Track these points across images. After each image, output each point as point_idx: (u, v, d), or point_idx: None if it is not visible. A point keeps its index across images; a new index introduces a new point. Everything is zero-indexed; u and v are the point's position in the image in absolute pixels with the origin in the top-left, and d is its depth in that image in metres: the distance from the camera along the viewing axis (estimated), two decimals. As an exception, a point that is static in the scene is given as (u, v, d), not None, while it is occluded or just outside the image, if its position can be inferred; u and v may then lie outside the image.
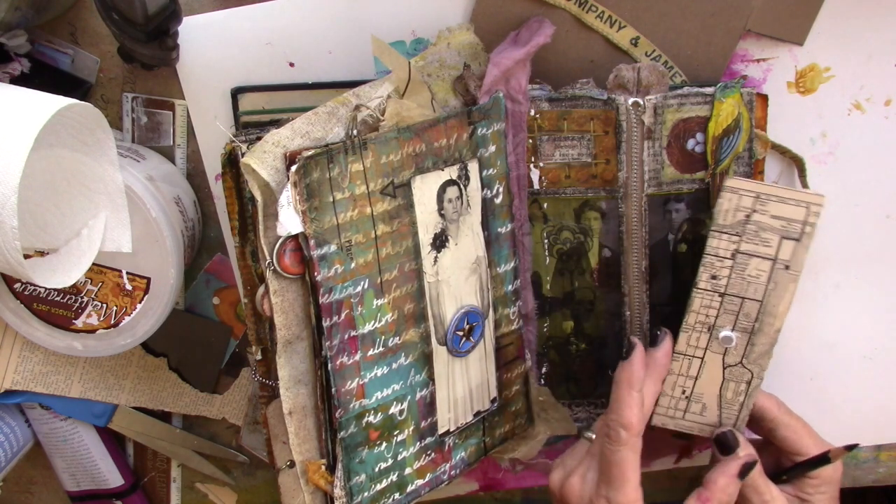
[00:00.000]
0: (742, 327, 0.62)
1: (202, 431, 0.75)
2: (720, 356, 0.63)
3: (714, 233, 0.61)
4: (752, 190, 0.60)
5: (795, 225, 0.60)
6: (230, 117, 0.65)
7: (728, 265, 0.61)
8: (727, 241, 0.61)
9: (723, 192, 0.60)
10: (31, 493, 0.78)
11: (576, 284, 0.67)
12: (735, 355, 0.63)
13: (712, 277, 0.61)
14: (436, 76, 0.62)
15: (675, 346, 0.63)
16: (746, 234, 0.60)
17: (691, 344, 0.63)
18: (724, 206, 0.60)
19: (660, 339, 0.63)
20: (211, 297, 0.71)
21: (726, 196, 0.60)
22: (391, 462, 0.60)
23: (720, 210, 0.60)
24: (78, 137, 0.57)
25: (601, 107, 0.63)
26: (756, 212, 0.60)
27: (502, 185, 0.62)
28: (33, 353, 0.69)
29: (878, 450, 0.75)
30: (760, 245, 0.60)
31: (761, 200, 0.60)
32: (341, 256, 0.55)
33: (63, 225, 0.59)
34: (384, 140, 0.55)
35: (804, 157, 0.67)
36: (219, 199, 0.68)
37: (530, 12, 0.63)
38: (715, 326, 0.62)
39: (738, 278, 0.61)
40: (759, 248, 0.60)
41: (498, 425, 0.66)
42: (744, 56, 0.66)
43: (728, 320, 0.63)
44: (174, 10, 0.58)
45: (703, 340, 0.63)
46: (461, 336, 0.62)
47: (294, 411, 0.57)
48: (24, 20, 0.59)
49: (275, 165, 0.53)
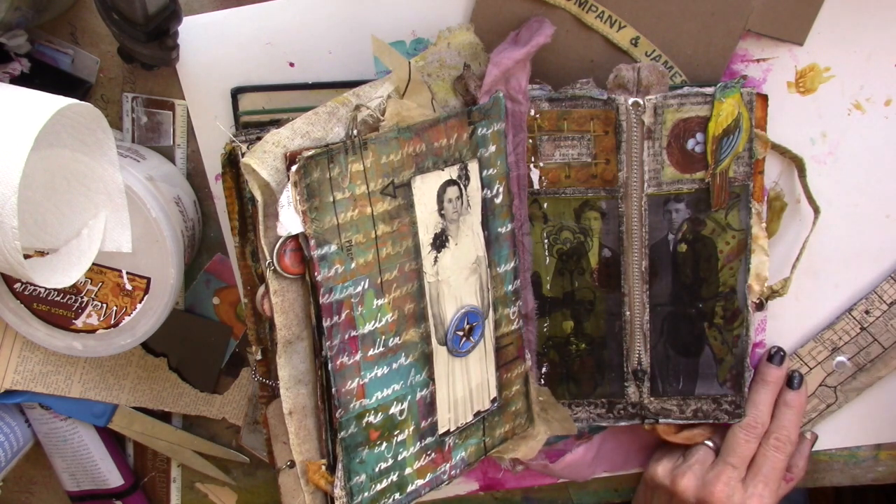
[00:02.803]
0: (857, 361, 0.70)
1: (202, 431, 0.75)
2: (825, 374, 0.71)
3: (892, 279, 0.69)
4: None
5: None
6: (230, 117, 0.65)
7: (883, 308, 0.69)
8: (895, 291, 0.68)
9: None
10: (31, 493, 0.78)
11: (576, 284, 0.67)
12: (836, 379, 0.71)
13: (866, 312, 0.69)
14: (436, 76, 0.62)
15: (802, 348, 0.71)
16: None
17: (811, 353, 0.71)
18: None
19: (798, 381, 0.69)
20: (211, 297, 0.71)
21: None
22: (391, 462, 0.60)
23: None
24: (78, 137, 0.57)
25: (601, 107, 0.63)
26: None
27: (502, 185, 0.62)
28: (33, 353, 0.69)
29: (878, 449, 0.75)
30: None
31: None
32: (341, 256, 0.55)
33: (63, 225, 0.59)
34: (384, 140, 0.55)
35: (804, 157, 0.67)
36: (219, 199, 0.68)
37: (530, 12, 0.63)
38: (840, 350, 0.69)
39: (883, 323, 0.69)
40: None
41: (498, 425, 0.66)
42: (744, 56, 0.66)
43: (852, 350, 0.70)
44: (174, 10, 0.58)
45: (822, 355, 0.70)
46: (461, 336, 0.62)
47: (294, 411, 0.57)
48: (24, 20, 0.59)
49: (275, 165, 0.53)
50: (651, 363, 0.67)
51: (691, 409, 0.68)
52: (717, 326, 0.67)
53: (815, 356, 0.71)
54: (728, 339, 0.67)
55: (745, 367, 0.67)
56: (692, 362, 0.67)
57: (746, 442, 0.67)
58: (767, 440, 0.67)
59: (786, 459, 0.68)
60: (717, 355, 0.67)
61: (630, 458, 0.75)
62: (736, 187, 0.64)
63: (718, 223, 0.65)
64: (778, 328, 0.71)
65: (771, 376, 0.68)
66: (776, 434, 0.67)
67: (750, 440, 0.67)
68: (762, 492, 0.66)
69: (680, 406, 0.68)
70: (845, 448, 0.75)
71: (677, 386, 0.68)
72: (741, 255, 0.65)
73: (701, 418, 0.68)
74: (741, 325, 0.66)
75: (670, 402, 0.68)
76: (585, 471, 0.74)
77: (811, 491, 1.01)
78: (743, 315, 0.66)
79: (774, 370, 0.69)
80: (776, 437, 0.67)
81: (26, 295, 0.63)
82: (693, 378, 0.68)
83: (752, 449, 0.68)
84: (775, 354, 0.69)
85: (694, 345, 0.67)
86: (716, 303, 0.66)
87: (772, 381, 0.68)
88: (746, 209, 0.65)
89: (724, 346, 0.67)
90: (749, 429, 0.67)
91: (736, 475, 0.67)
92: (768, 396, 0.68)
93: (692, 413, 0.68)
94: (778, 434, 0.67)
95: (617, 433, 0.73)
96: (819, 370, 0.71)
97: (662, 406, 0.68)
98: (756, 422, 0.67)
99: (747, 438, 0.67)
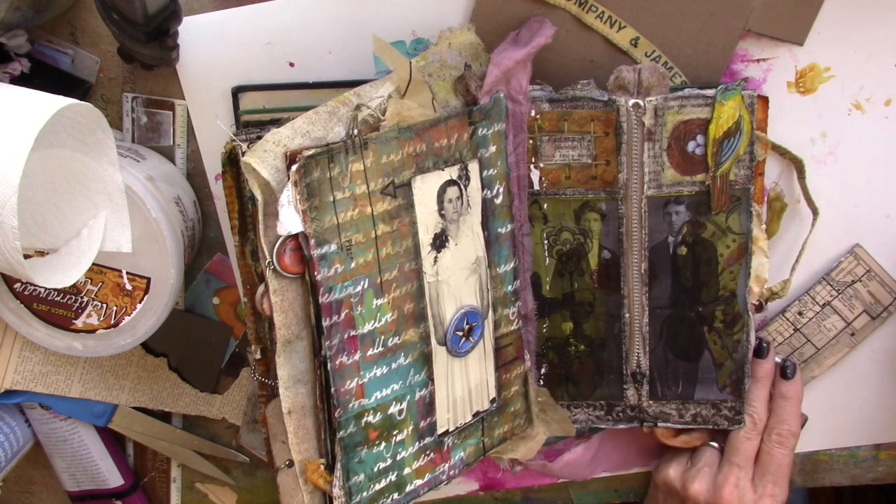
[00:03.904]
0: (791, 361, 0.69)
1: (202, 431, 0.75)
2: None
3: (824, 281, 0.69)
4: (869, 266, 0.69)
5: (879, 307, 0.70)
6: (230, 117, 0.65)
7: (816, 310, 0.70)
8: (827, 293, 0.69)
9: (847, 255, 0.69)
10: (31, 493, 0.78)
11: (575, 286, 0.67)
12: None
13: (799, 313, 0.70)
14: (437, 76, 0.62)
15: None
16: (843, 295, 0.69)
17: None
18: (843, 265, 0.69)
19: (791, 371, 0.68)
20: (211, 297, 0.71)
21: (848, 258, 0.69)
22: (390, 462, 0.60)
23: (840, 267, 0.69)
24: (78, 137, 0.57)
25: (602, 108, 0.63)
26: (860, 282, 0.69)
27: (502, 186, 0.62)
28: (33, 353, 0.69)
29: (878, 449, 0.75)
30: (847, 308, 0.69)
31: (869, 276, 0.69)
32: (341, 256, 0.55)
33: (63, 225, 0.59)
34: (385, 140, 0.55)
35: (804, 157, 0.67)
36: (219, 199, 0.68)
37: (530, 12, 0.63)
38: (775, 349, 0.69)
39: (816, 324, 0.70)
40: (844, 310, 0.69)
41: (497, 425, 0.66)
42: (744, 56, 0.66)
43: (786, 351, 0.71)
44: (174, 10, 0.58)
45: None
46: (461, 336, 0.62)
47: (293, 411, 0.57)
48: (24, 20, 0.59)
49: (275, 165, 0.53)
50: (650, 366, 0.67)
51: (690, 414, 0.68)
52: (716, 331, 0.66)
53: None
54: (728, 343, 0.66)
55: (745, 373, 0.67)
56: (691, 366, 0.67)
57: (748, 440, 0.67)
58: (770, 436, 0.67)
59: (791, 453, 0.67)
60: (716, 360, 0.67)
61: (629, 459, 0.75)
62: (737, 190, 0.64)
63: (719, 226, 0.65)
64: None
65: (761, 371, 0.68)
66: (777, 429, 0.67)
67: (751, 437, 0.67)
68: (773, 491, 0.66)
69: (679, 410, 0.68)
70: (845, 448, 0.75)
71: (676, 390, 0.68)
72: (742, 259, 0.65)
73: (700, 423, 0.68)
74: (741, 330, 0.66)
75: (669, 405, 0.68)
76: (584, 470, 0.74)
77: (811, 491, 1.01)
78: (743, 320, 0.66)
79: (762, 364, 0.67)
80: (778, 433, 0.67)
81: (26, 295, 0.63)
82: (692, 382, 0.67)
83: (755, 446, 0.67)
84: (759, 347, 0.68)
85: (693, 349, 0.67)
86: (716, 307, 0.66)
87: (762, 376, 0.68)
88: (747, 213, 0.64)
89: (724, 351, 0.67)
90: (748, 427, 0.67)
91: (744, 475, 0.67)
92: (761, 392, 0.68)
93: (691, 417, 0.68)
94: (779, 429, 0.67)
95: (616, 433, 0.73)
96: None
97: (661, 409, 0.68)
98: (754, 419, 0.67)
99: (749, 436, 0.67)
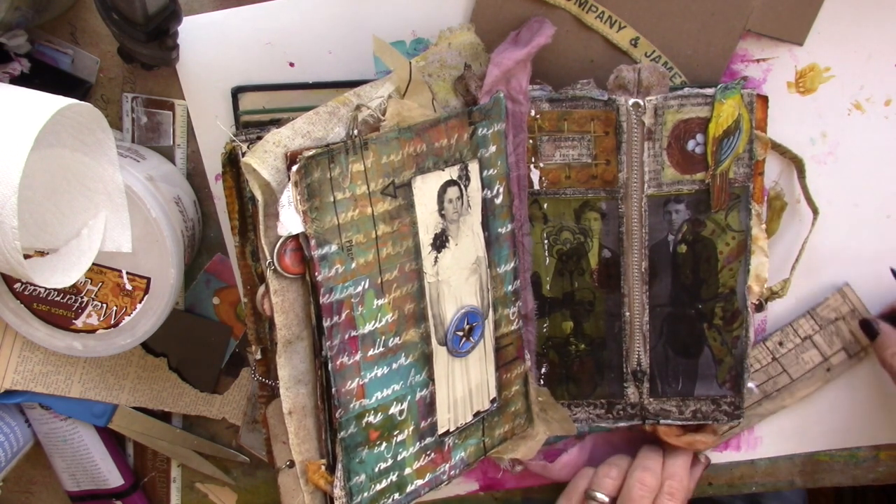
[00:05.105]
0: (764, 389, 0.72)
1: (202, 431, 0.75)
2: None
3: (808, 315, 0.70)
4: (854, 305, 0.70)
5: (857, 346, 0.71)
6: (230, 117, 0.65)
7: (796, 342, 0.71)
8: (810, 327, 0.70)
9: (834, 293, 0.70)
10: (31, 493, 0.78)
11: (575, 285, 0.67)
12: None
13: (779, 343, 0.71)
14: (437, 76, 0.62)
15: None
16: (825, 330, 0.70)
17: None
18: (830, 302, 0.70)
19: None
20: (211, 297, 0.71)
21: (836, 296, 0.70)
22: (391, 462, 0.60)
23: (826, 304, 0.70)
24: (78, 137, 0.57)
25: (601, 107, 0.63)
26: (843, 320, 0.70)
27: (502, 186, 0.62)
28: (33, 353, 0.69)
29: (878, 449, 0.75)
30: (826, 344, 0.70)
31: (853, 315, 0.70)
32: (342, 256, 0.55)
33: (63, 225, 0.59)
34: (385, 140, 0.55)
35: (804, 156, 0.67)
36: (219, 199, 0.68)
37: (530, 12, 0.63)
38: (750, 376, 0.68)
39: (794, 355, 0.71)
40: (824, 345, 0.70)
41: (497, 425, 0.66)
42: (744, 56, 0.66)
43: (760, 378, 0.71)
44: (174, 10, 0.58)
45: None
46: (461, 336, 0.62)
47: (294, 411, 0.57)
48: (24, 20, 0.59)
49: (275, 165, 0.53)
50: (650, 364, 0.67)
51: (690, 410, 0.68)
52: (716, 327, 0.67)
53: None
54: (727, 340, 0.67)
55: (744, 369, 0.67)
56: (691, 363, 0.67)
57: (641, 498, 0.67)
58: (661, 490, 0.67)
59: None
60: (716, 356, 0.67)
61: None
62: (736, 188, 0.64)
63: (718, 224, 0.65)
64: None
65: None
66: (668, 482, 0.67)
67: (644, 495, 0.67)
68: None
69: (679, 407, 0.68)
70: (845, 448, 0.75)
71: (676, 387, 0.68)
72: (741, 256, 0.65)
73: (700, 419, 0.68)
74: (741, 326, 0.66)
75: (669, 402, 0.68)
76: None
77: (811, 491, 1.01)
78: (742, 316, 0.66)
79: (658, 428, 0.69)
80: (668, 487, 0.67)
81: (26, 295, 0.63)
82: (692, 379, 0.68)
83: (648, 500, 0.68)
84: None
85: (693, 346, 0.67)
86: (715, 304, 0.66)
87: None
88: (746, 210, 0.65)
89: (724, 347, 0.67)
90: (641, 483, 0.67)
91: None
92: (653, 451, 0.69)
93: (691, 414, 0.68)
94: (670, 482, 0.67)
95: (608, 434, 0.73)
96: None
97: (662, 407, 0.68)
98: (644, 480, 0.67)
99: (641, 494, 0.67)
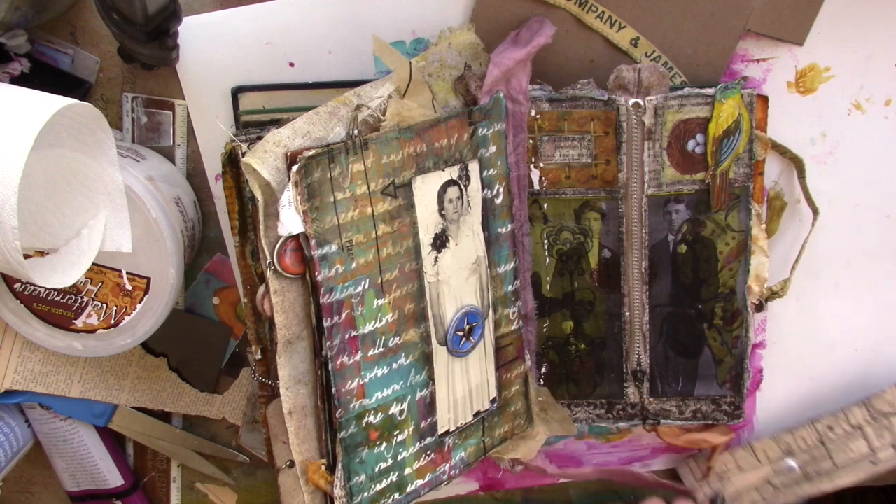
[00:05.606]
0: (806, 470, 0.70)
1: (202, 431, 0.75)
2: (772, 472, 0.71)
3: (863, 404, 0.69)
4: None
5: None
6: (230, 117, 0.65)
7: (847, 430, 0.70)
8: (862, 416, 0.69)
9: (892, 387, 0.69)
10: (31, 493, 0.78)
11: (575, 285, 0.67)
12: (781, 480, 0.71)
13: (829, 427, 0.70)
14: (437, 76, 0.62)
15: (758, 442, 0.71)
16: (877, 423, 0.69)
17: (765, 449, 0.71)
18: (887, 396, 0.69)
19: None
20: (211, 297, 0.71)
21: (892, 390, 0.69)
22: (391, 462, 0.60)
23: (882, 396, 0.69)
24: (78, 137, 0.57)
25: (602, 107, 0.63)
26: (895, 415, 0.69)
27: (503, 186, 0.62)
28: (33, 353, 0.69)
29: (878, 450, 0.75)
30: (876, 437, 0.69)
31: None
32: (342, 256, 0.55)
33: (63, 225, 0.59)
34: (385, 140, 0.55)
35: (804, 156, 0.67)
36: (219, 199, 0.68)
37: (530, 12, 0.63)
38: (793, 453, 0.70)
39: (842, 442, 0.70)
40: (873, 438, 0.69)
41: (497, 425, 0.66)
42: (744, 56, 0.66)
43: (804, 458, 0.70)
44: (174, 10, 0.58)
45: (775, 454, 0.71)
46: (461, 336, 0.62)
47: (294, 411, 0.57)
48: (24, 20, 0.59)
49: (276, 165, 0.53)
50: (650, 364, 0.67)
51: (690, 410, 0.68)
52: (716, 327, 0.67)
53: (768, 453, 0.71)
54: (727, 340, 0.67)
55: (744, 369, 0.67)
56: (691, 363, 0.67)
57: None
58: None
59: None
60: (716, 356, 0.67)
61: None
62: (736, 188, 0.64)
63: (718, 224, 0.65)
64: (778, 329, 0.71)
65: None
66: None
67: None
68: None
69: (679, 407, 0.68)
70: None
71: (676, 387, 0.68)
72: (741, 256, 0.65)
73: (700, 419, 0.69)
74: (741, 326, 0.66)
75: (669, 402, 0.68)
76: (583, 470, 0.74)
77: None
78: (742, 316, 0.66)
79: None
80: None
81: (26, 295, 0.63)
82: (692, 379, 0.68)
83: None
84: (714, 499, 0.70)
85: (693, 346, 0.67)
86: (715, 304, 0.66)
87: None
88: (746, 210, 0.65)
89: (724, 347, 0.67)
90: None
91: None
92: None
93: (691, 414, 0.68)
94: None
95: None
96: (767, 468, 0.71)
97: (662, 407, 0.68)
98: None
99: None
